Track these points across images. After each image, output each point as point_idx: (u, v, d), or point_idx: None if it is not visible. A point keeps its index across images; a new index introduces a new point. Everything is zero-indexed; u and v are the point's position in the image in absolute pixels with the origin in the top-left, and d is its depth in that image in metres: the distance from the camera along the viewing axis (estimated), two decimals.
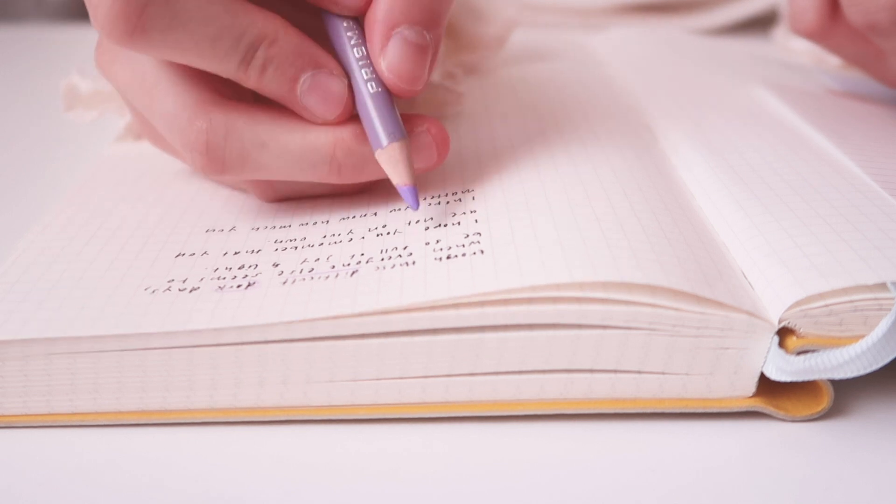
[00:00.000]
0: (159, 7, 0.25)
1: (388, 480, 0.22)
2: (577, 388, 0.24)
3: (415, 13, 0.27)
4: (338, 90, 0.27)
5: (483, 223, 0.27)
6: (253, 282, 0.26)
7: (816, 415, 0.24)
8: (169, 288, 0.25)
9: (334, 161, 0.28)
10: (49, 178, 0.39)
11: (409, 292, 0.24)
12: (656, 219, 0.27)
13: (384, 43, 0.27)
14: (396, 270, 0.25)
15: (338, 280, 0.25)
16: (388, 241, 0.27)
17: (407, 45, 0.27)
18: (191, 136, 0.27)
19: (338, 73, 0.28)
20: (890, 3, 0.33)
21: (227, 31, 0.26)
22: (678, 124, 0.36)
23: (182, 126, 0.27)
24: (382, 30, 0.27)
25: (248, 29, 0.26)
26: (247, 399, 0.24)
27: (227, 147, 0.27)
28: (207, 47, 0.26)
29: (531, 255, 0.24)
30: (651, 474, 0.22)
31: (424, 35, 0.27)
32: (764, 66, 0.48)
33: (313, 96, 0.27)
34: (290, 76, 0.27)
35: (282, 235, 0.29)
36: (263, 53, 0.26)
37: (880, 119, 0.38)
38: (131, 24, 0.25)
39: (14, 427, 0.24)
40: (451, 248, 0.26)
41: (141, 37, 0.25)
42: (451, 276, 0.24)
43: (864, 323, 0.23)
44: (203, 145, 0.27)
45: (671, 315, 0.23)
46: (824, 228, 0.26)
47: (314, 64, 0.27)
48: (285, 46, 0.27)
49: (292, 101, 0.27)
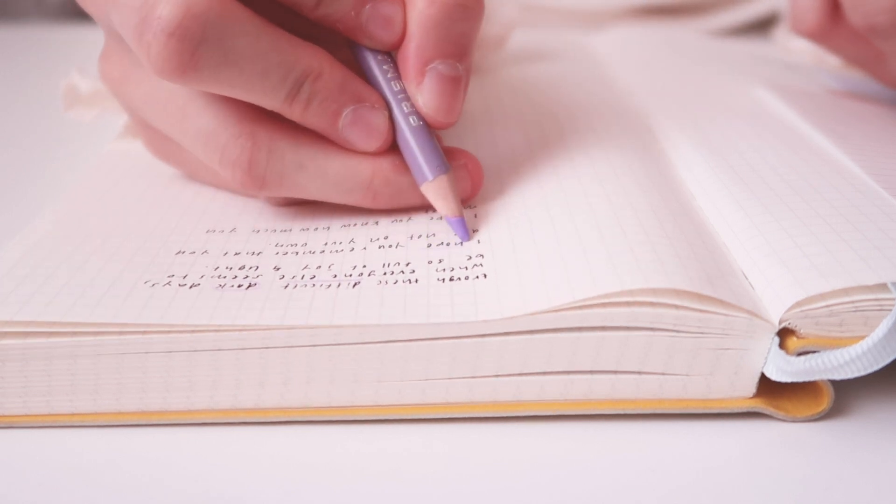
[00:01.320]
0: (212, 46, 0.25)
1: (389, 481, 0.22)
2: (578, 388, 0.24)
3: (447, 47, 0.27)
4: (379, 123, 0.28)
5: (486, 244, 0.27)
6: (254, 283, 0.26)
7: (817, 415, 0.24)
8: (169, 283, 0.26)
9: (371, 189, 0.29)
10: (49, 178, 0.39)
11: (412, 312, 0.24)
12: (657, 219, 0.27)
13: (420, 79, 0.27)
14: (399, 287, 0.25)
15: (339, 290, 0.25)
16: (390, 255, 0.27)
17: (442, 80, 0.27)
18: (234, 152, 0.27)
19: (379, 106, 0.28)
20: (890, 5, 0.33)
21: (276, 68, 0.26)
22: (679, 124, 0.36)
23: (223, 142, 0.27)
24: (417, 66, 0.27)
25: (296, 64, 0.26)
26: (247, 400, 0.24)
27: (268, 165, 0.28)
28: (257, 83, 0.26)
29: (533, 279, 0.24)
30: (651, 474, 0.22)
31: (457, 67, 0.28)
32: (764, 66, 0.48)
33: (355, 130, 0.28)
34: (333, 110, 0.27)
35: (283, 239, 0.29)
36: (309, 88, 0.27)
37: (881, 119, 0.38)
38: (184, 63, 0.25)
39: (14, 427, 0.24)
40: (453, 270, 0.26)
41: (193, 74, 0.25)
42: (454, 301, 0.24)
43: (864, 323, 0.23)
44: (247, 162, 0.27)
45: (671, 315, 0.23)
46: (825, 229, 0.26)
47: (357, 98, 0.28)
48: (330, 81, 0.27)
49: (334, 134, 0.28)
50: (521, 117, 0.37)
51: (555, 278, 0.24)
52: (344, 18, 0.27)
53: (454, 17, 0.27)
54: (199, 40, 0.25)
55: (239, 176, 0.28)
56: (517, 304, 0.23)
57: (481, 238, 0.28)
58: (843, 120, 0.37)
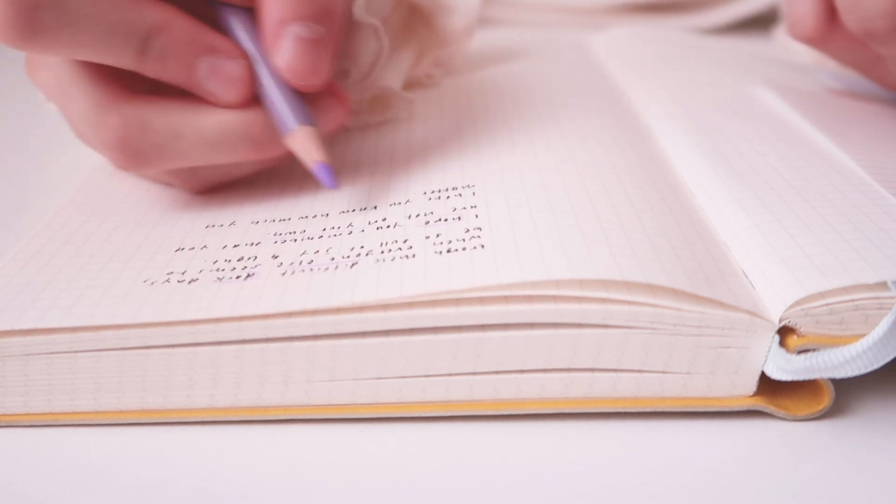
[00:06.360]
0: (48, 9, 0.25)
1: (389, 479, 0.22)
2: (578, 387, 0.24)
3: (304, 9, 0.27)
4: (237, 73, 0.28)
5: (484, 219, 0.27)
6: (252, 273, 0.26)
7: (817, 414, 0.24)
8: (168, 280, 0.26)
9: (252, 138, 0.28)
10: (49, 178, 0.39)
11: (409, 284, 0.24)
12: (657, 218, 0.27)
13: (276, 41, 0.27)
14: (396, 263, 0.25)
15: (337, 272, 0.25)
16: (388, 235, 0.27)
17: (299, 42, 0.27)
18: (105, 133, 0.27)
19: (235, 55, 0.28)
20: (886, 10, 0.33)
21: (119, 26, 0.26)
22: (679, 123, 0.36)
23: (95, 124, 0.28)
24: (273, 28, 0.27)
25: (139, 21, 0.26)
26: (247, 398, 0.24)
27: (142, 140, 0.28)
28: (101, 43, 0.26)
29: (531, 251, 0.24)
30: (651, 474, 0.22)
31: (317, 30, 0.27)
32: (765, 65, 0.48)
33: (213, 80, 0.28)
34: (187, 63, 0.27)
35: (281, 228, 0.29)
36: (158, 43, 0.27)
37: (881, 118, 0.38)
38: (22, 27, 0.25)
39: (15, 426, 0.24)
40: (451, 243, 0.26)
41: (33, 38, 0.25)
42: (451, 270, 0.24)
43: (864, 322, 0.23)
44: (118, 141, 0.27)
45: (672, 314, 0.23)
46: (825, 227, 0.26)
47: (210, 49, 0.28)
48: (178, 34, 0.27)
49: (196, 87, 0.28)
50: (521, 115, 0.37)
51: (554, 254, 0.24)
52: None
53: None
54: (33, 5, 0.25)
55: (116, 156, 0.28)
56: (515, 272, 0.23)
57: (479, 213, 0.27)
58: (843, 119, 0.37)
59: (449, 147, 0.33)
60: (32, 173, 0.40)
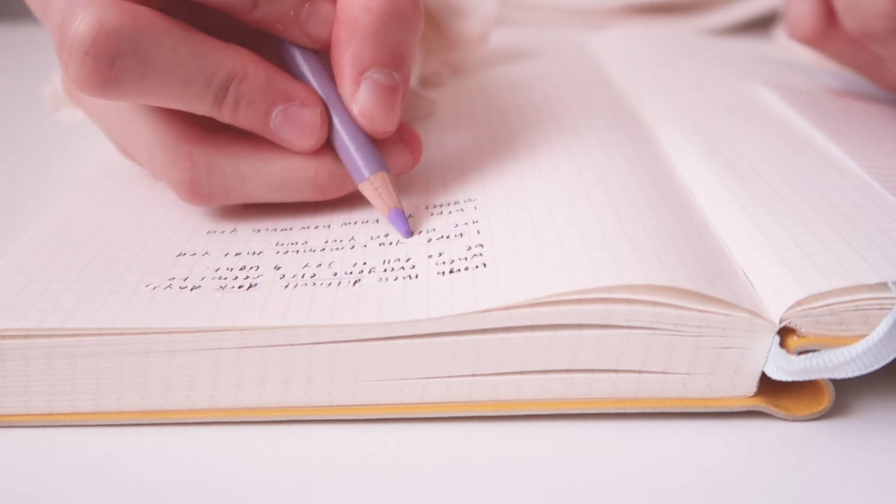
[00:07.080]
0: (128, 59, 0.25)
1: (389, 479, 0.22)
2: (578, 387, 0.24)
3: (383, 56, 0.27)
4: (311, 120, 0.28)
5: (485, 234, 0.27)
6: (255, 283, 0.26)
7: (817, 414, 0.24)
8: (170, 285, 0.26)
9: (317, 183, 0.29)
10: (50, 179, 0.39)
11: (413, 309, 0.24)
12: (658, 218, 0.27)
13: (355, 88, 0.27)
14: (399, 283, 0.25)
15: (340, 288, 0.25)
16: (390, 252, 0.27)
17: (377, 89, 0.27)
18: (175, 175, 0.28)
19: (310, 102, 0.28)
20: (885, 11, 0.33)
21: (198, 74, 0.26)
22: (679, 123, 0.36)
23: (164, 164, 0.28)
24: (352, 74, 0.27)
25: (218, 69, 0.26)
26: (248, 399, 0.24)
27: (210, 183, 0.28)
28: (179, 91, 0.26)
29: (532, 266, 0.24)
30: (651, 474, 0.22)
31: (394, 76, 0.27)
32: (765, 65, 0.48)
33: (288, 128, 0.28)
34: (263, 110, 0.27)
35: (283, 238, 0.29)
36: (235, 91, 0.27)
37: (881, 118, 0.38)
38: (103, 78, 0.25)
39: (15, 426, 0.24)
40: (453, 262, 0.26)
41: (114, 88, 0.25)
42: (453, 293, 0.24)
43: (864, 322, 0.23)
44: (188, 182, 0.28)
45: (672, 314, 0.23)
46: (825, 228, 0.26)
47: (285, 97, 0.27)
48: (255, 82, 0.27)
49: (268, 134, 0.28)
50: (522, 117, 0.37)
51: (555, 268, 0.24)
52: (283, 19, 0.27)
53: (391, 27, 0.27)
54: (114, 55, 0.24)
55: (185, 196, 0.28)
56: (516, 291, 0.23)
57: (481, 228, 0.27)
58: (843, 119, 0.37)
59: (450, 157, 0.33)
60: (32, 173, 0.40)
